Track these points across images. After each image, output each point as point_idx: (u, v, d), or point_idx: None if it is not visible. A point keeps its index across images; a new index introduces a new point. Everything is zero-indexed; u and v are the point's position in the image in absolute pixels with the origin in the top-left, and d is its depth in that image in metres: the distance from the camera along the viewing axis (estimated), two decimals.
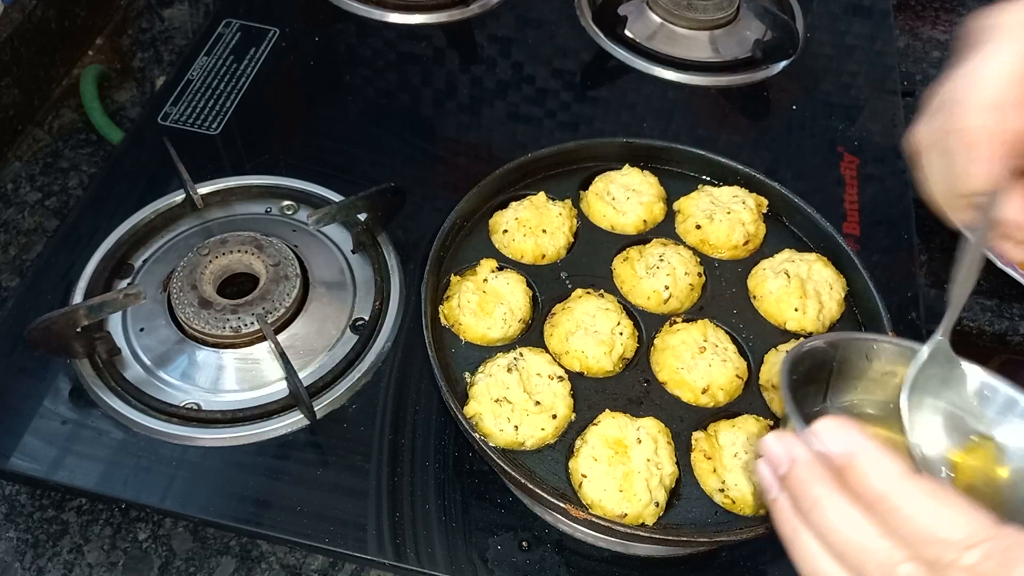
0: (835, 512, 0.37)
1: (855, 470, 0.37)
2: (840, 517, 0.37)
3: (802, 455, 0.39)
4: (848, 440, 0.37)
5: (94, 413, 0.67)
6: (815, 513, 0.37)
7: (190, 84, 0.93)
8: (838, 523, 0.37)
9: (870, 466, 0.36)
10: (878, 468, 0.36)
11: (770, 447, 0.41)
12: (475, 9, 1.05)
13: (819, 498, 0.37)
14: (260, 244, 0.75)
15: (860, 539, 0.36)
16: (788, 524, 0.39)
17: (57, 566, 0.65)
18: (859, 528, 0.36)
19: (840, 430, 0.38)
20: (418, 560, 0.61)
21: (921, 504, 0.35)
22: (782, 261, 0.72)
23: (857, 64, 1.03)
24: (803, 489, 0.38)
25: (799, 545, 0.38)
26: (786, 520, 0.39)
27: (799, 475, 0.38)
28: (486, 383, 0.62)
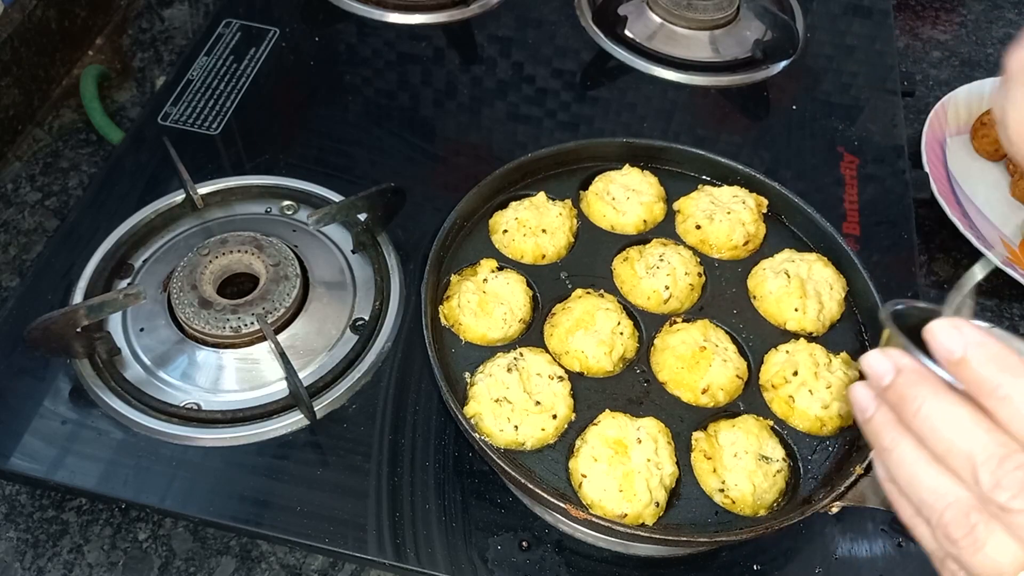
0: (942, 411, 0.36)
1: (972, 361, 0.35)
2: (947, 415, 0.35)
3: (909, 364, 0.38)
4: (965, 335, 0.36)
5: (94, 413, 0.67)
6: (920, 416, 0.36)
7: (190, 84, 0.93)
8: (945, 421, 0.35)
9: (987, 356, 0.35)
10: (996, 358, 0.35)
11: (873, 361, 0.39)
12: (475, 9, 1.05)
13: (926, 399, 0.36)
14: (260, 244, 0.75)
15: (967, 432, 0.35)
16: (886, 436, 0.38)
17: (57, 566, 0.65)
18: (967, 424, 0.35)
19: (956, 326, 0.37)
20: (418, 560, 0.61)
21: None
22: (782, 261, 0.72)
23: (857, 64, 1.03)
24: (909, 393, 0.37)
25: (897, 456, 0.37)
26: (884, 433, 0.38)
27: (905, 381, 0.37)
28: (486, 383, 0.62)
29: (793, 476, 0.62)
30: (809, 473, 0.62)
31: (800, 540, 0.64)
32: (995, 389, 0.34)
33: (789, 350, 0.67)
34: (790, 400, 0.64)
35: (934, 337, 0.37)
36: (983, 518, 0.34)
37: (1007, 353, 0.35)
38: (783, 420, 0.64)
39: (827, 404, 0.63)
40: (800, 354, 0.65)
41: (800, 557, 0.63)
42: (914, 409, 0.37)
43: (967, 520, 0.35)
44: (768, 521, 0.58)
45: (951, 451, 0.35)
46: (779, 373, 0.65)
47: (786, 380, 0.64)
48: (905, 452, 0.37)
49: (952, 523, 0.35)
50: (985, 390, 0.35)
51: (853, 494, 0.57)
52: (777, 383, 0.65)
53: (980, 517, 0.34)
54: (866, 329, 0.70)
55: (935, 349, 0.37)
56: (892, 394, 0.38)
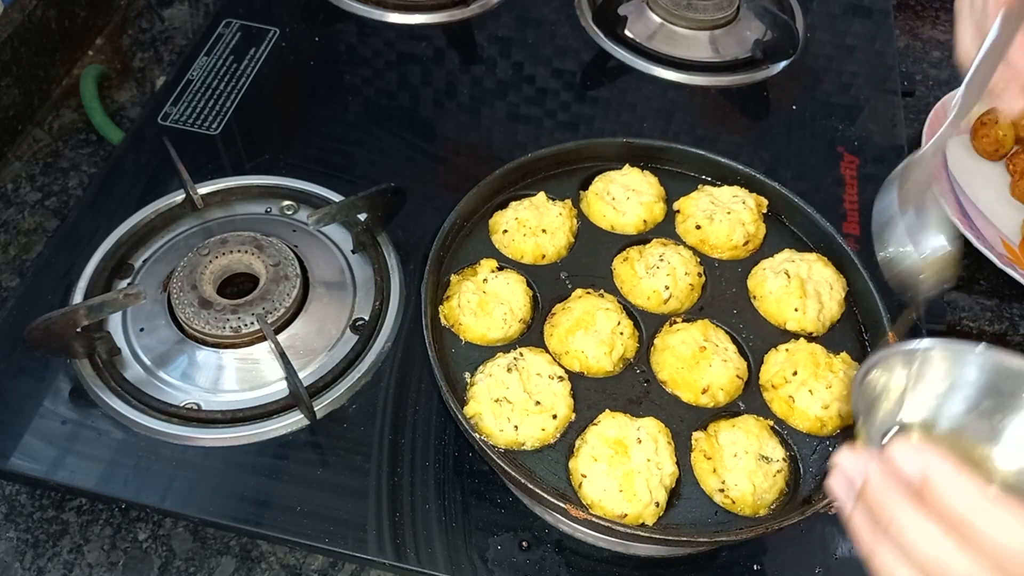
0: (913, 528, 0.37)
1: (932, 490, 0.37)
2: (918, 533, 0.37)
3: (876, 471, 0.39)
4: (924, 459, 0.37)
5: (94, 413, 0.67)
6: (893, 528, 0.38)
7: (190, 84, 0.93)
8: (916, 538, 0.37)
9: (947, 486, 0.36)
10: (956, 487, 0.36)
11: (844, 463, 0.41)
12: (475, 9, 1.05)
13: (896, 514, 0.37)
14: (260, 244, 0.75)
15: (939, 554, 0.36)
16: (866, 538, 0.39)
17: (57, 566, 0.65)
18: (938, 543, 0.36)
19: (915, 449, 0.38)
20: (418, 560, 0.61)
21: (1000, 522, 0.35)
22: (782, 261, 0.72)
23: (857, 64, 1.03)
24: (880, 505, 0.38)
25: (878, 559, 0.39)
26: (864, 535, 0.39)
27: (875, 491, 0.39)
28: (486, 383, 0.62)
29: (793, 476, 0.62)
30: (809, 473, 0.62)
31: (800, 540, 0.64)
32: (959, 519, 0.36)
33: (789, 350, 0.67)
34: (790, 400, 0.64)
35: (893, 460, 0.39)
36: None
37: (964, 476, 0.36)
38: (783, 420, 0.64)
39: (827, 404, 0.63)
40: (800, 354, 0.65)
41: (800, 557, 0.63)
42: (887, 520, 0.38)
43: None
44: (768, 521, 0.58)
45: (925, 566, 0.36)
46: (779, 373, 0.65)
47: (786, 380, 0.64)
48: (886, 560, 0.38)
49: None
50: (948, 519, 0.36)
51: None
52: (777, 383, 0.65)
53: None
54: (866, 329, 0.70)
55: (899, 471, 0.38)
56: (866, 499, 0.39)
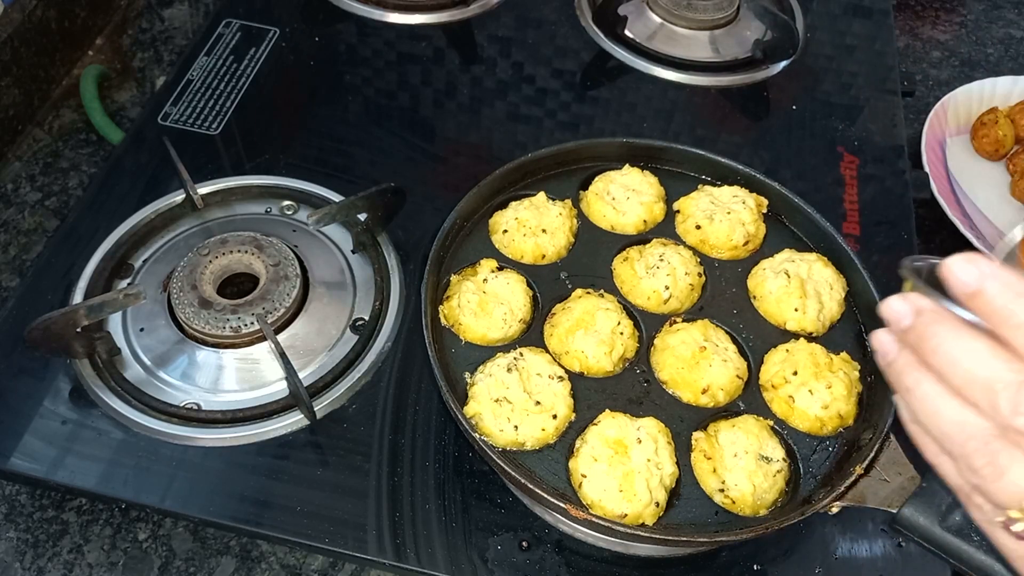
0: (960, 345, 0.36)
1: (987, 292, 0.35)
2: (965, 348, 0.36)
3: (928, 305, 0.38)
4: (980, 267, 0.36)
5: (94, 413, 0.67)
6: (940, 351, 0.37)
7: (190, 84, 0.93)
8: (963, 354, 0.36)
9: (1002, 286, 0.35)
10: (1011, 286, 0.35)
11: (893, 304, 0.40)
12: (475, 9, 1.05)
13: (945, 336, 0.36)
14: (260, 244, 0.75)
15: (986, 365, 0.35)
16: (908, 376, 0.38)
17: (57, 566, 0.65)
18: (984, 355, 0.35)
19: (970, 260, 0.37)
20: (418, 560, 0.61)
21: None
22: (782, 261, 0.72)
23: (857, 64, 1.03)
24: (927, 332, 0.37)
25: (919, 394, 0.38)
26: (905, 373, 0.39)
27: (924, 320, 0.38)
28: (486, 383, 0.62)
29: (793, 476, 0.62)
30: (809, 473, 0.62)
31: (800, 540, 0.64)
32: (1010, 316, 0.35)
33: (789, 350, 0.67)
34: (790, 400, 0.64)
35: (950, 271, 0.37)
36: (1004, 445, 0.34)
37: (1022, 282, 0.35)
38: (783, 420, 0.64)
39: (827, 404, 0.63)
40: (800, 354, 0.65)
41: (800, 557, 0.63)
42: (933, 346, 0.37)
43: (988, 448, 0.35)
44: (768, 521, 0.58)
45: (970, 383, 0.35)
46: (779, 373, 0.65)
47: (786, 380, 0.64)
48: (927, 390, 0.37)
49: (974, 453, 0.35)
50: (1001, 319, 0.35)
51: (853, 494, 0.57)
52: (777, 383, 0.65)
53: (1001, 445, 0.34)
54: (866, 329, 0.70)
55: (951, 284, 0.37)
56: (912, 335, 0.38)
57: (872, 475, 0.57)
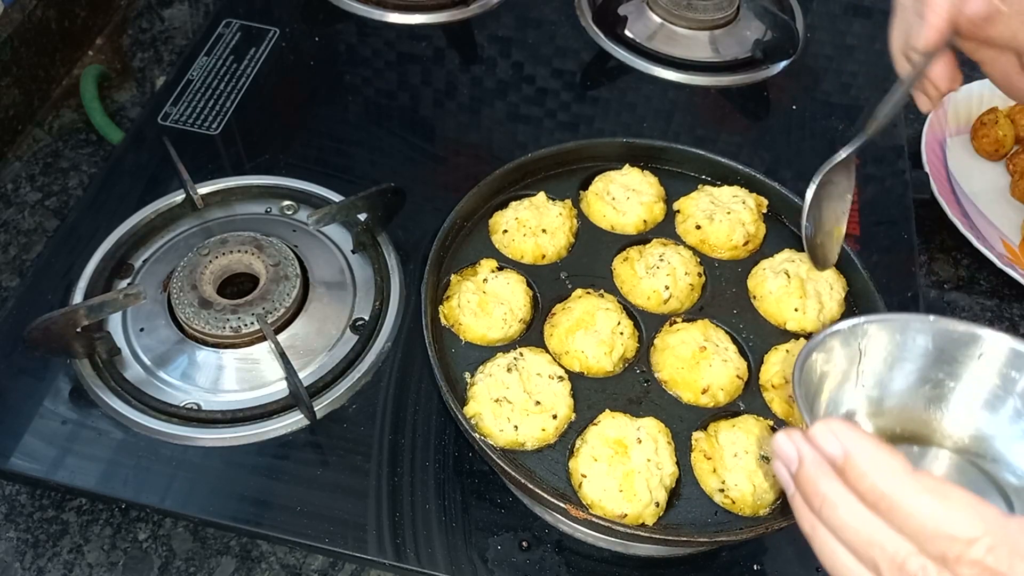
0: (843, 509, 0.37)
1: (853, 470, 0.37)
2: (848, 514, 0.37)
3: (808, 453, 0.39)
4: (843, 441, 0.38)
5: (94, 413, 0.67)
6: (825, 510, 0.38)
7: (190, 84, 0.93)
8: (846, 519, 0.37)
9: (867, 465, 0.37)
10: (875, 467, 0.36)
11: (779, 445, 0.41)
12: (475, 9, 1.05)
13: (826, 495, 0.38)
14: (260, 244, 0.75)
15: (868, 534, 0.36)
16: (806, 521, 0.40)
17: (57, 566, 0.65)
18: (866, 523, 0.36)
19: (833, 432, 0.38)
20: (418, 560, 0.61)
21: (922, 501, 0.35)
22: (782, 261, 0.72)
23: (857, 64, 1.03)
24: (812, 487, 0.39)
25: (818, 541, 0.39)
26: (804, 516, 0.40)
27: (806, 474, 0.39)
28: (486, 383, 0.62)
29: None
30: None
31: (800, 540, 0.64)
32: (880, 499, 0.36)
33: (789, 350, 0.67)
34: (790, 400, 0.64)
35: (815, 442, 0.39)
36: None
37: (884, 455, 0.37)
38: (783, 420, 0.64)
39: None
40: None
41: (800, 557, 0.63)
42: (818, 505, 0.38)
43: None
44: (768, 521, 0.58)
45: (857, 549, 0.37)
46: (779, 373, 0.65)
47: (786, 380, 0.64)
48: (824, 540, 0.39)
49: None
50: (870, 499, 0.36)
51: None
52: (777, 383, 0.65)
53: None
54: None
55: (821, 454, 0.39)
56: (798, 484, 0.40)
57: None
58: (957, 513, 0.34)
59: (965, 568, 0.33)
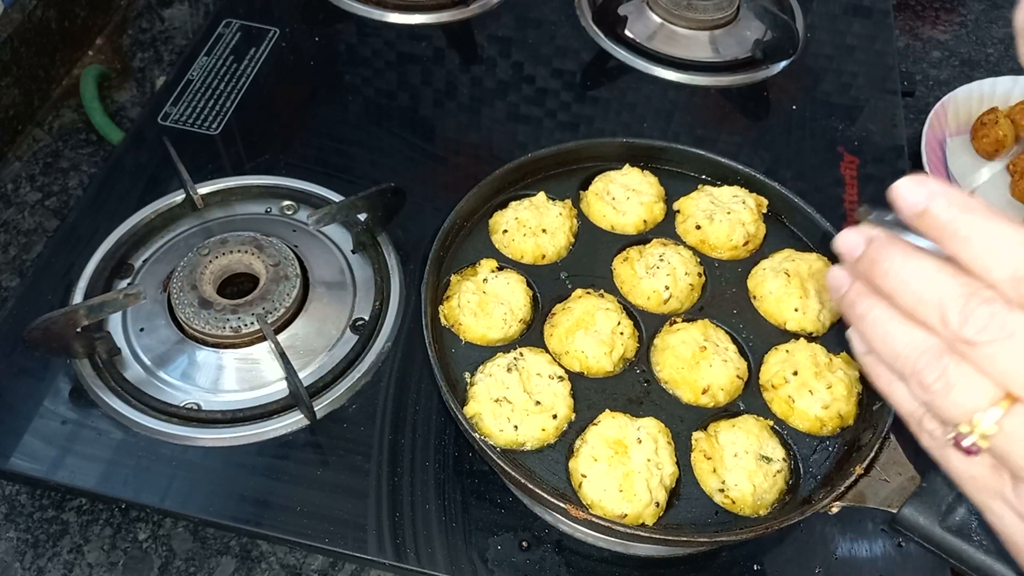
0: (908, 265, 0.36)
1: (934, 209, 0.35)
2: (914, 268, 0.35)
3: (879, 233, 0.38)
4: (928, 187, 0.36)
5: (94, 413, 0.67)
6: (890, 274, 0.36)
7: (190, 84, 0.93)
8: (911, 274, 0.35)
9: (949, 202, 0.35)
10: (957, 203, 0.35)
11: (845, 237, 0.39)
12: (475, 9, 1.05)
13: (893, 258, 0.36)
14: (260, 244, 0.75)
15: (934, 281, 0.35)
16: (859, 304, 0.38)
17: (57, 566, 0.65)
18: (932, 273, 0.35)
19: (918, 181, 0.36)
20: (418, 560, 0.61)
21: (998, 230, 0.33)
22: (782, 261, 0.72)
23: (857, 64, 1.03)
24: (878, 257, 0.37)
25: (870, 320, 0.37)
26: (857, 302, 0.38)
27: (874, 247, 0.37)
28: (486, 383, 0.62)
29: (793, 476, 0.62)
30: (809, 473, 0.62)
31: (800, 540, 0.64)
32: (956, 231, 0.34)
33: (789, 350, 0.67)
34: (790, 400, 0.64)
35: (898, 194, 0.37)
36: (954, 359, 0.34)
37: (969, 198, 0.35)
38: (783, 420, 0.64)
39: (827, 404, 0.63)
40: (800, 354, 0.65)
41: (800, 557, 0.63)
42: (884, 270, 0.37)
43: (939, 363, 0.35)
44: (768, 521, 0.58)
45: (920, 301, 0.35)
46: (779, 373, 0.65)
47: (786, 380, 0.64)
48: (878, 314, 0.37)
49: (925, 368, 0.35)
50: (947, 234, 0.35)
51: (853, 494, 0.57)
52: (777, 383, 0.65)
53: (951, 359, 0.34)
54: None
55: (899, 207, 0.37)
56: (863, 263, 0.38)
57: (872, 475, 0.57)
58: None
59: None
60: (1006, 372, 0.33)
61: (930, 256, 0.36)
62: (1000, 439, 0.33)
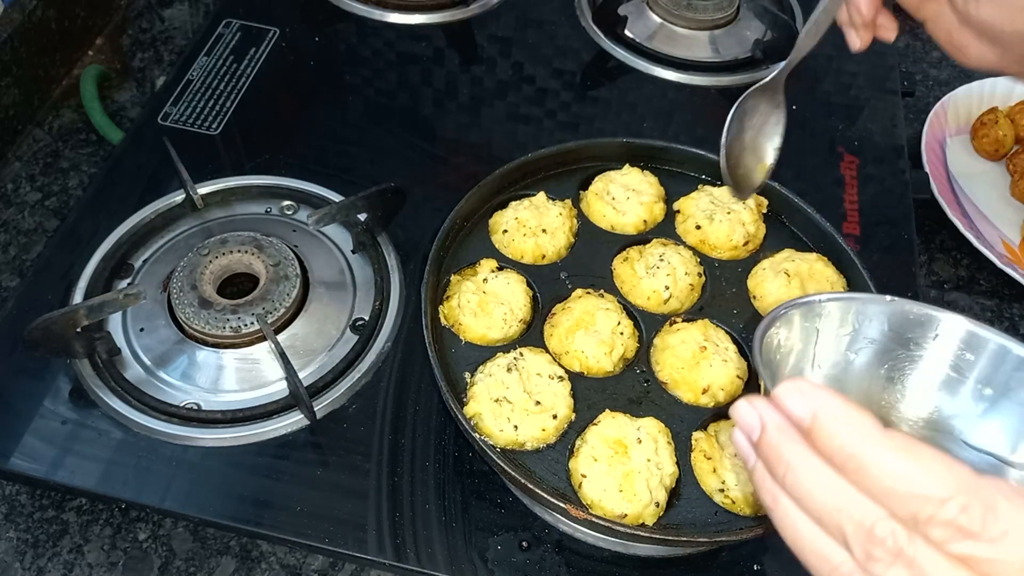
0: (807, 475, 0.35)
1: (821, 431, 0.35)
2: (813, 479, 0.35)
3: (772, 419, 0.36)
4: (810, 400, 0.35)
5: (94, 413, 0.67)
6: (789, 478, 0.35)
7: (190, 84, 0.93)
8: (811, 485, 0.35)
9: (835, 425, 0.34)
10: (844, 426, 0.34)
11: (741, 412, 0.38)
12: (475, 9, 1.05)
13: (790, 462, 0.35)
14: (260, 244, 0.75)
15: (836, 501, 0.34)
16: (768, 493, 0.37)
17: (57, 566, 0.65)
18: (833, 489, 0.34)
19: (800, 391, 0.36)
20: (418, 560, 0.61)
21: (892, 461, 0.33)
22: (782, 261, 0.72)
23: (857, 64, 1.03)
24: (775, 454, 0.36)
25: (780, 513, 0.37)
26: (766, 488, 0.37)
27: (770, 440, 0.36)
28: (486, 383, 0.62)
29: None
30: None
31: None
32: (848, 459, 0.34)
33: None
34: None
35: (781, 404, 0.36)
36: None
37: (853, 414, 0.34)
38: None
39: None
40: None
41: None
42: (781, 473, 0.36)
43: None
44: (768, 521, 0.58)
45: (823, 516, 0.35)
46: None
47: None
48: (786, 512, 0.36)
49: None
50: (838, 461, 0.34)
51: None
52: None
53: None
54: None
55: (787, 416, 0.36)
56: (762, 452, 0.37)
57: None
58: (929, 472, 0.32)
59: (937, 529, 0.31)
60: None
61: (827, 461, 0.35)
62: None
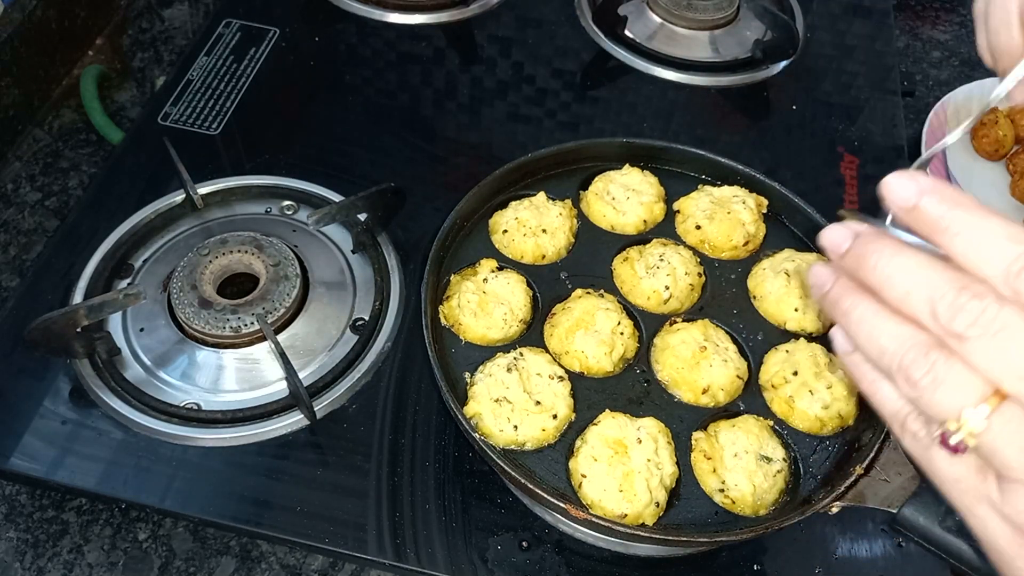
0: (896, 260, 0.35)
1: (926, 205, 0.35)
2: (902, 263, 0.35)
3: (866, 228, 0.37)
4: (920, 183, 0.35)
5: (94, 413, 0.67)
6: (877, 269, 0.35)
7: (190, 84, 0.93)
8: (900, 268, 0.35)
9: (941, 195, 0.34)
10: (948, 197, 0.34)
11: (831, 231, 0.38)
12: (475, 9, 1.05)
13: (881, 253, 0.35)
14: (260, 244, 0.75)
15: (923, 276, 0.34)
16: (845, 300, 0.37)
17: (57, 566, 0.65)
18: (922, 267, 0.34)
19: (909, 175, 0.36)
20: (418, 560, 0.61)
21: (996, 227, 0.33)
22: (782, 261, 0.72)
23: (857, 64, 1.03)
24: (864, 251, 0.36)
25: (856, 316, 0.36)
26: (842, 298, 0.37)
27: (861, 241, 0.37)
28: (486, 383, 0.62)
29: (793, 476, 0.62)
30: (809, 473, 0.62)
31: (800, 540, 0.64)
32: (947, 227, 0.34)
33: (789, 350, 0.67)
34: (790, 400, 0.64)
35: (888, 189, 0.36)
36: (943, 355, 0.33)
37: (959, 194, 0.34)
38: (783, 420, 0.64)
39: (827, 404, 0.63)
40: (800, 354, 0.65)
41: (800, 557, 0.63)
42: (871, 265, 0.36)
43: (927, 359, 0.34)
44: (768, 521, 0.58)
45: (909, 296, 0.34)
46: (779, 373, 0.65)
47: (786, 380, 0.64)
48: (864, 310, 0.36)
49: (912, 364, 0.34)
50: (938, 230, 0.34)
51: (853, 494, 0.57)
52: (777, 383, 0.65)
53: (940, 355, 0.33)
54: None
55: (890, 202, 0.36)
56: (849, 258, 0.37)
57: (872, 475, 0.57)
58: None
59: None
60: (996, 368, 0.32)
61: (919, 251, 0.35)
62: (988, 436, 0.33)
